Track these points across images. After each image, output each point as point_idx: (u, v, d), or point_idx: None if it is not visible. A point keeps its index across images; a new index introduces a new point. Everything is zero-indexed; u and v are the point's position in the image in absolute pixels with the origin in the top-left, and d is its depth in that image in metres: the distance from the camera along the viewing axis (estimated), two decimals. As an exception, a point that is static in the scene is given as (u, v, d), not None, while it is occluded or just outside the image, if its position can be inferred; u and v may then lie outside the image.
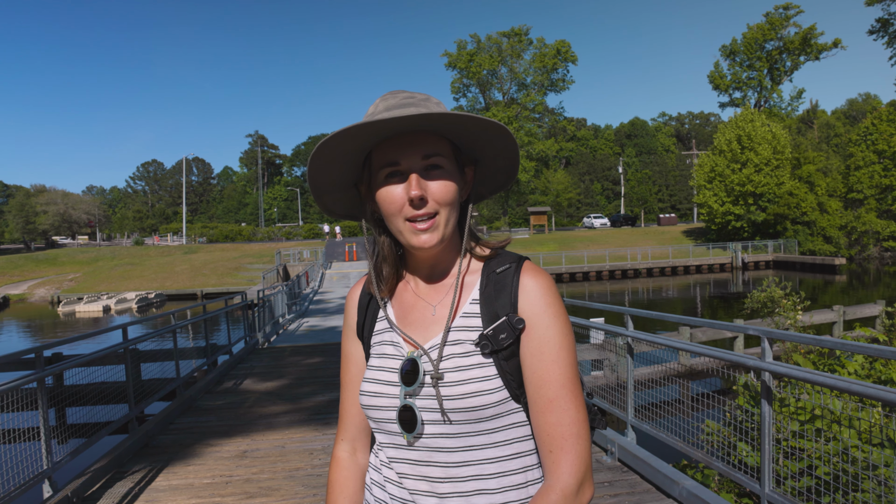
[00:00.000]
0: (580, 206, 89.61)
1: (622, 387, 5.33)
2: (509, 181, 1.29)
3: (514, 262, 1.17)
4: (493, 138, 1.15)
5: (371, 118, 1.04)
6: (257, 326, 12.84)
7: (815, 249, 42.26)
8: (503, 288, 1.14)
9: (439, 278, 1.22)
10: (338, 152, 1.12)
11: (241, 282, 37.56)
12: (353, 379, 1.30)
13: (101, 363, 6.60)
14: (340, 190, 1.25)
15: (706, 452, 4.34)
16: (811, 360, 6.83)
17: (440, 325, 1.16)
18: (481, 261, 1.21)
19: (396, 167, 1.11)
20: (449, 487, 1.09)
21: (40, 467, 4.41)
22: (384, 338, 1.22)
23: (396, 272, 1.25)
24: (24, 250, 60.65)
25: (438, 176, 1.11)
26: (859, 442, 3.45)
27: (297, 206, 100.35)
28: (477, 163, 1.22)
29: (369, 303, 1.28)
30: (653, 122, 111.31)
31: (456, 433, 1.09)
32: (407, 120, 1.04)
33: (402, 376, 1.13)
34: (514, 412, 1.12)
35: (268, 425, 6.57)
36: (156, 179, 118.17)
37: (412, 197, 1.08)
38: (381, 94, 1.18)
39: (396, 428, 1.13)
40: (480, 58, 61.56)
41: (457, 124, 1.09)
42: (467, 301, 1.17)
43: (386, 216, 1.14)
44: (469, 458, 1.10)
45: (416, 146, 1.10)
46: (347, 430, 1.32)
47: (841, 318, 14.70)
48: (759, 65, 63.51)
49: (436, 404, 1.09)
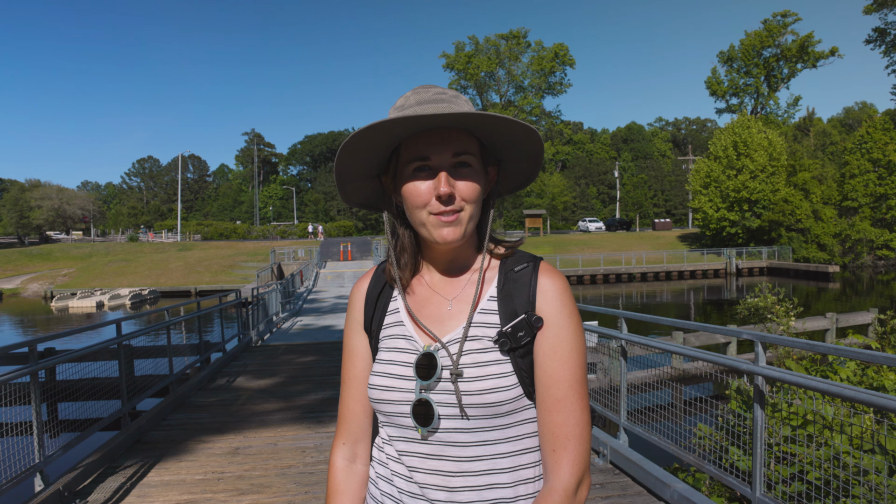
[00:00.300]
0: (576, 210, 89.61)
1: (615, 389, 5.34)
2: (528, 181, 1.31)
3: (532, 262, 1.20)
4: (521, 141, 1.17)
5: (403, 111, 1.07)
6: (251, 324, 12.82)
7: (809, 257, 42.38)
8: (521, 287, 1.16)
9: (455, 273, 1.23)
10: (368, 143, 1.12)
11: (235, 280, 37.50)
12: (360, 374, 1.28)
13: (95, 358, 6.59)
14: (363, 179, 1.25)
15: (698, 456, 4.35)
16: (804, 367, 6.86)
17: (457, 320, 1.17)
18: (498, 259, 1.23)
19: (426, 162, 1.11)
20: (461, 481, 1.10)
21: (32, 461, 4.39)
22: (395, 331, 1.21)
23: (414, 264, 1.25)
24: (18, 245, 60.34)
25: (466, 174, 1.12)
26: (850, 448, 3.47)
27: (293, 204, 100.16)
28: (500, 162, 1.24)
29: (379, 296, 1.27)
30: (649, 126, 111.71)
31: (471, 428, 1.10)
32: (445, 118, 1.05)
33: (416, 370, 1.12)
34: (527, 408, 1.14)
35: (260, 423, 6.56)
36: (151, 176, 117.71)
37: (441, 194, 1.09)
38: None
39: (410, 422, 1.12)
40: (478, 59, 61.73)
41: (493, 125, 1.10)
42: (485, 298, 1.18)
43: (409, 209, 1.14)
44: (482, 453, 1.11)
45: (447, 143, 1.11)
46: (350, 431, 1.29)
47: (834, 326, 14.77)
48: (757, 71, 63.80)
49: (452, 399, 1.09)
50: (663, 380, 4.93)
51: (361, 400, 1.27)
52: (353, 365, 1.29)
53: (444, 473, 1.11)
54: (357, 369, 1.28)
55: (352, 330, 1.30)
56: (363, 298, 1.29)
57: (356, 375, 1.28)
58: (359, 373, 1.28)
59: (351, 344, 1.30)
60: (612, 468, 4.86)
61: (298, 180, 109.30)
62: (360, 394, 1.27)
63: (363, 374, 1.27)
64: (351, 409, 1.29)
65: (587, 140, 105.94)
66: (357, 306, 1.30)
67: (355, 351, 1.29)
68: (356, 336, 1.29)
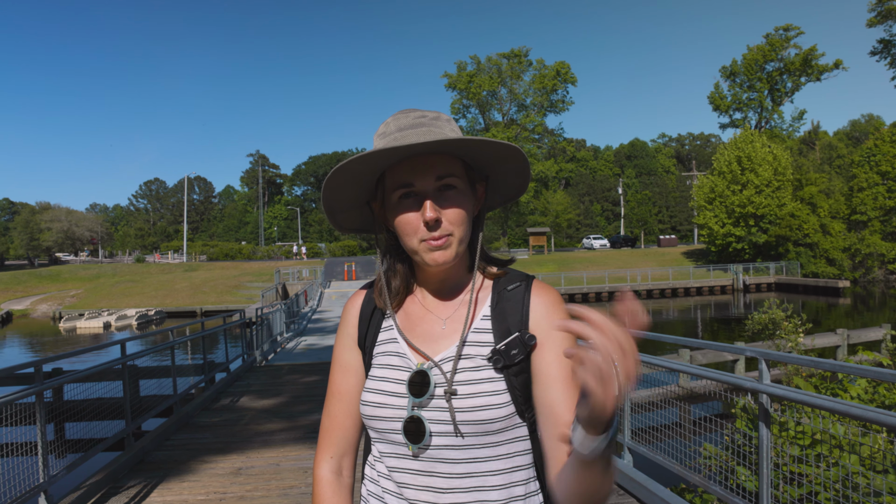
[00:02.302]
0: (580, 227, 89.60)
1: (619, 409, 5.28)
2: (519, 193, 1.32)
3: (524, 280, 1.21)
4: (505, 158, 1.17)
5: (385, 138, 1.10)
6: (255, 344, 12.81)
7: (817, 272, 41.92)
8: (514, 305, 1.17)
9: (448, 293, 1.24)
10: (352, 175, 1.14)
11: (240, 300, 37.54)
12: (352, 389, 1.26)
13: (100, 378, 6.59)
14: (354, 208, 1.27)
15: (704, 476, 4.29)
16: (812, 384, 6.78)
17: (450, 339, 1.17)
18: (491, 278, 1.24)
19: (410, 188, 1.12)
20: (451, 498, 1.10)
21: (36, 481, 4.41)
22: (388, 349, 1.21)
23: (406, 286, 1.26)
24: (28, 266, 60.71)
25: (452, 196, 1.13)
26: (862, 468, 3.41)
27: (297, 225, 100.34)
28: (488, 179, 1.24)
29: (373, 313, 1.27)
30: (653, 143, 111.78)
31: (462, 445, 1.10)
32: (421, 147, 1.06)
33: (409, 387, 1.12)
34: (518, 426, 1.14)
35: (263, 443, 6.53)
36: (158, 198, 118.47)
37: (427, 219, 1.09)
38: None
39: (401, 438, 1.12)
40: (480, 79, 62.00)
41: (471, 148, 1.12)
42: (479, 317, 1.19)
43: (401, 236, 1.16)
44: (472, 470, 1.10)
45: (429, 168, 1.12)
46: (336, 445, 1.27)
47: (845, 342, 14.58)
48: (760, 86, 63.84)
49: (445, 416, 1.09)
50: (669, 399, 4.88)
51: (352, 415, 1.26)
52: (345, 380, 1.27)
53: (434, 490, 1.10)
54: (349, 384, 1.27)
55: (344, 345, 1.29)
56: (357, 314, 1.29)
57: (348, 390, 1.27)
58: (350, 387, 1.26)
59: (343, 358, 1.29)
60: (617, 489, 4.80)
61: (303, 200, 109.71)
62: (352, 408, 1.26)
63: (355, 389, 1.26)
64: (340, 423, 1.27)
65: (590, 157, 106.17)
66: (351, 321, 1.30)
67: (348, 365, 1.28)
68: (349, 351, 1.28)
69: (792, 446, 3.93)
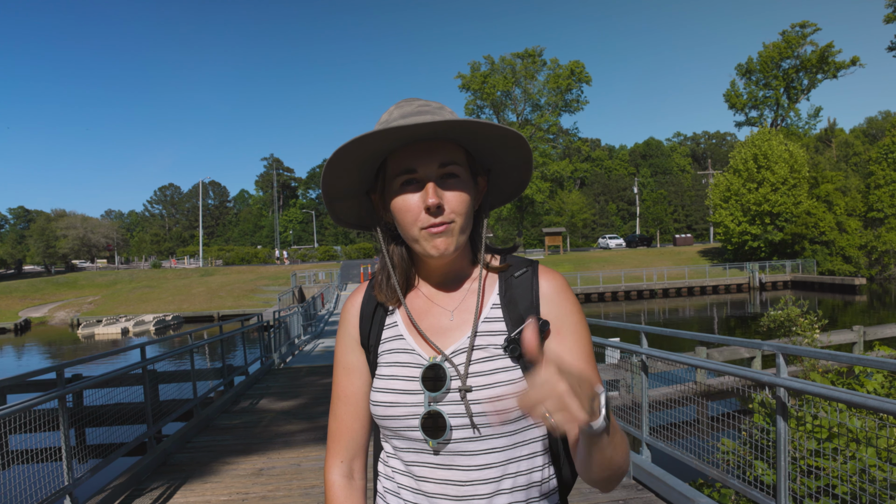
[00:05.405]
0: (595, 227, 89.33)
1: (637, 405, 5.31)
2: (520, 190, 1.30)
3: (529, 267, 1.20)
4: (508, 146, 1.16)
5: (386, 125, 1.04)
6: (273, 347, 12.91)
7: (834, 269, 41.61)
8: (524, 291, 1.17)
9: (452, 285, 1.22)
10: (353, 159, 1.12)
11: (257, 304, 37.74)
12: (358, 391, 1.24)
13: (120, 383, 6.68)
14: (353, 198, 1.25)
15: (722, 471, 4.30)
16: (829, 379, 6.76)
17: (460, 331, 1.16)
18: (495, 269, 1.22)
19: (413, 174, 1.11)
20: (470, 490, 1.09)
21: (61, 483, 4.47)
22: (395, 345, 1.19)
23: (407, 281, 1.23)
24: (45, 274, 61.31)
25: (454, 184, 1.11)
26: (879, 461, 3.42)
27: (313, 228, 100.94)
28: (489, 172, 1.23)
29: (374, 311, 1.25)
30: (668, 142, 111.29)
31: (480, 436, 1.09)
32: (426, 127, 1.04)
33: (423, 382, 1.11)
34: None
35: (284, 444, 6.60)
36: (173, 203, 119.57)
37: (429, 205, 1.07)
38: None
39: (418, 434, 1.11)
40: (494, 79, 61.84)
41: (475, 131, 1.10)
42: (488, 306, 1.17)
43: (401, 226, 1.13)
44: (492, 461, 1.10)
45: (432, 154, 1.10)
46: (347, 449, 1.26)
47: (861, 339, 14.49)
48: (776, 83, 63.19)
49: (462, 409, 1.09)
50: (687, 395, 4.91)
51: (360, 417, 1.26)
52: (350, 382, 1.26)
53: (454, 483, 1.10)
54: (354, 386, 1.25)
55: (346, 346, 1.27)
56: (357, 314, 1.27)
57: (354, 392, 1.25)
58: (357, 389, 1.25)
59: (346, 360, 1.27)
60: (636, 484, 4.82)
61: (318, 203, 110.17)
62: (359, 410, 1.25)
63: (361, 391, 1.25)
64: (349, 426, 1.26)
65: (605, 157, 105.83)
66: (351, 321, 1.28)
67: (351, 367, 1.26)
68: (351, 352, 1.26)
69: (809, 440, 3.94)
